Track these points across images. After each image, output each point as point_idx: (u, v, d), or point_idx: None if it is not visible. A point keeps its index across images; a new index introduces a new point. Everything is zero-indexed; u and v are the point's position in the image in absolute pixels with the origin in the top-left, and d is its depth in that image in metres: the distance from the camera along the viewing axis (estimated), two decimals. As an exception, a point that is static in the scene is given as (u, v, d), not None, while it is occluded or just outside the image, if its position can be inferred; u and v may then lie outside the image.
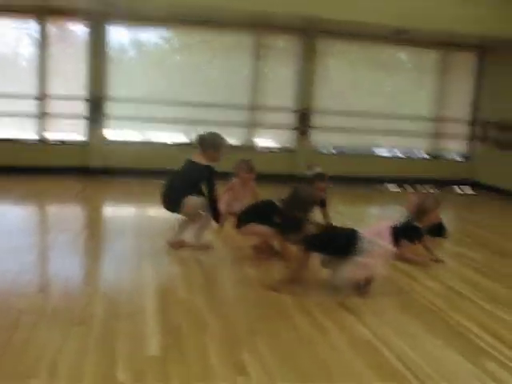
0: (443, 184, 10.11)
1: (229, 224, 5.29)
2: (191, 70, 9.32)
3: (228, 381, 2.82)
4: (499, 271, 5.14)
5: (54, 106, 8.77)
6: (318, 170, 5.74)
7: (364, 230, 4.21)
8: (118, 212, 6.72)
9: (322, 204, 5.71)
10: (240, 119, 9.52)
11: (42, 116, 8.77)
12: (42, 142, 8.83)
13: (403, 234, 4.60)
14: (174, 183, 5.13)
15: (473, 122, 10.51)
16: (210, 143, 5.15)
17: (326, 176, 5.71)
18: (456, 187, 10.13)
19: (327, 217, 5.69)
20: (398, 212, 6.85)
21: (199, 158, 5.11)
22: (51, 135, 8.89)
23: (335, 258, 4.14)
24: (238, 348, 3.21)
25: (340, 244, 4.11)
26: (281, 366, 3.02)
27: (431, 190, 9.53)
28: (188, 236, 5.18)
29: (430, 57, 10.34)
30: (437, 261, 5.19)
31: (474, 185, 10.25)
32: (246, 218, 4.90)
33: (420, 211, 5.05)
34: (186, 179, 5.08)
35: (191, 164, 5.14)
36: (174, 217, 5.18)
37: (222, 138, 5.27)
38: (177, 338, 3.29)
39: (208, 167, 5.06)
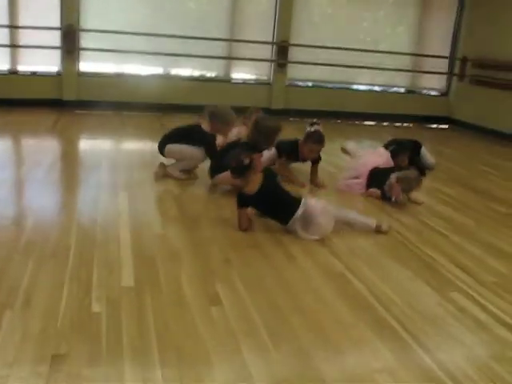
0: (420, 119, 10.14)
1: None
2: (169, 1, 9.08)
3: (202, 310, 2.88)
4: (471, 206, 5.23)
5: (26, 37, 8.51)
6: (317, 129, 5.51)
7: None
8: (92, 145, 6.64)
9: (314, 162, 5.58)
10: (217, 52, 9.35)
11: (14, 47, 8.52)
12: (14, 73, 8.61)
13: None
14: (173, 133, 5.40)
15: (451, 58, 10.44)
16: (220, 118, 5.36)
17: (322, 139, 5.53)
18: (432, 123, 10.17)
19: (315, 174, 5.59)
20: (372, 147, 6.92)
21: (206, 126, 5.30)
22: (23, 67, 8.67)
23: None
24: (211, 278, 3.26)
25: (277, 210, 4.09)
26: (253, 296, 3.08)
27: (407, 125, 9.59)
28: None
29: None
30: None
31: (450, 121, 10.29)
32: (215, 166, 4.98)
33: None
34: (186, 134, 5.28)
35: (197, 127, 5.32)
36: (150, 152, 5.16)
37: (233, 115, 5.48)
38: (150, 269, 3.32)
39: (212, 135, 5.27)
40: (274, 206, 4.09)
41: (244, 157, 3.95)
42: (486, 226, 4.71)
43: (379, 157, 5.69)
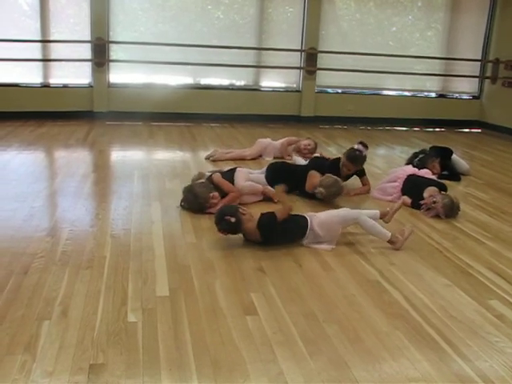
0: (451, 124, 10.03)
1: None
2: (196, 11, 9.14)
3: (237, 320, 2.87)
4: (506, 211, 5.14)
5: (57, 51, 8.65)
6: (359, 148, 5.45)
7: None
8: (124, 156, 6.70)
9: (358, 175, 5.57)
10: (246, 60, 9.37)
11: (46, 60, 8.66)
12: (46, 86, 8.75)
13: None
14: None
15: (483, 61, 10.30)
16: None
17: (359, 160, 5.44)
18: (464, 127, 10.05)
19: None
20: (405, 153, 6.88)
21: None
22: (55, 80, 8.80)
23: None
24: (245, 287, 3.26)
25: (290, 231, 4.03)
26: (288, 305, 3.06)
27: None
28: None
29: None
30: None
31: (483, 125, 10.16)
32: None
33: None
34: None
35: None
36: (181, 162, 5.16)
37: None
38: (185, 278, 3.34)
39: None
40: (283, 238, 4.01)
41: (228, 216, 3.84)
42: (522, 231, 4.64)
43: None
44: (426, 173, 5.56)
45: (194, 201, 4.54)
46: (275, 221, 3.89)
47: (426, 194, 4.95)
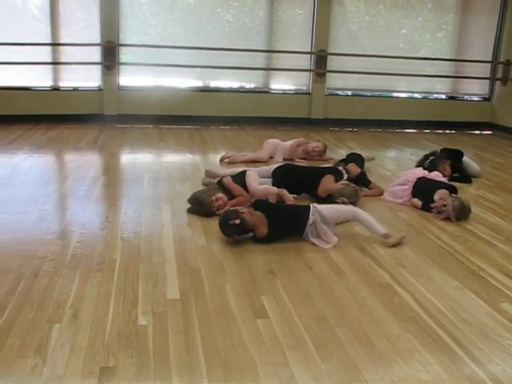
0: (462, 126, 9.98)
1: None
2: (205, 14, 9.16)
3: (248, 323, 2.87)
4: (517, 213, 5.12)
5: (67, 54, 8.69)
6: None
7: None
8: (134, 159, 6.72)
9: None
10: (256, 63, 9.38)
11: (56, 64, 8.70)
12: (56, 89, 8.78)
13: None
14: None
15: (494, 62, 10.25)
16: None
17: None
18: (475, 129, 10.00)
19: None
20: (415, 155, 6.86)
21: None
22: (65, 83, 8.84)
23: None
24: (255, 290, 3.26)
25: (290, 223, 4.13)
26: (299, 308, 3.06)
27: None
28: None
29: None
30: None
31: (494, 127, 10.10)
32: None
33: None
34: None
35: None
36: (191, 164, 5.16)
37: None
38: (195, 281, 3.34)
39: None
40: (287, 221, 4.11)
41: (232, 219, 3.92)
42: (534, 233, 4.61)
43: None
44: (436, 175, 5.53)
45: (201, 209, 4.55)
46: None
47: (436, 197, 4.92)
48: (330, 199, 4.83)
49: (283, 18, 9.39)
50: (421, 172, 5.52)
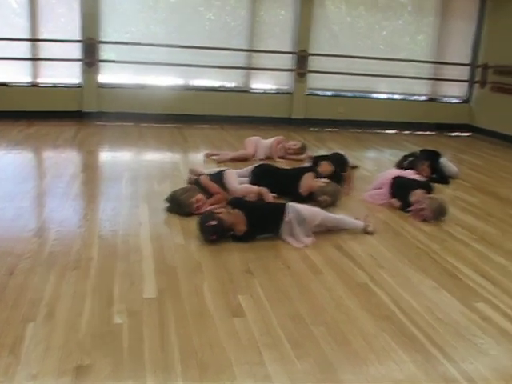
0: (441, 127, 10.07)
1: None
2: (187, 13, 9.13)
3: (224, 322, 2.87)
4: (494, 215, 5.16)
5: (47, 50, 8.61)
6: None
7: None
8: (113, 157, 6.67)
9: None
10: (237, 62, 9.37)
11: (35, 60, 8.61)
12: (36, 85, 8.70)
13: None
14: None
15: (472, 65, 10.35)
16: None
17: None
18: (454, 131, 10.09)
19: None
20: (394, 156, 6.91)
21: None
22: (45, 79, 8.75)
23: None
24: (232, 289, 3.26)
25: (267, 221, 4.16)
26: (276, 307, 3.06)
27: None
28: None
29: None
30: None
31: (472, 129, 10.20)
32: None
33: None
34: None
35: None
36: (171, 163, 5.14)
37: None
38: (172, 280, 3.33)
39: None
40: (264, 218, 4.14)
41: (209, 221, 3.95)
42: (509, 234, 4.65)
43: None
44: (410, 173, 5.57)
45: (179, 209, 4.54)
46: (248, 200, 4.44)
47: (413, 199, 4.94)
48: (311, 198, 4.85)
49: (265, 18, 9.39)
50: (395, 172, 5.55)
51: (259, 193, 4.80)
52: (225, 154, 6.55)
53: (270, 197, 4.75)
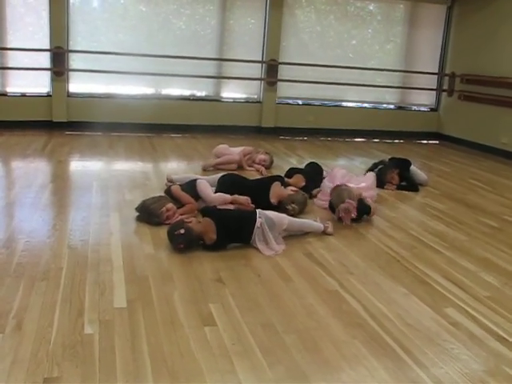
0: (410, 135, 10.19)
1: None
2: (156, 22, 9.11)
3: (195, 331, 2.85)
4: (463, 221, 5.23)
5: (15, 59, 8.52)
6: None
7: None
8: (83, 166, 6.62)
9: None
10: (207, 71, 9.37)
11: (3, 69, 8.52)
12: (3, 95, 8.59)
13: None
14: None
15: (440, 74, 10.50)
16: None
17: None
18: (422, 139, 10.22)
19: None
20: (364, 164, 6.97)
21: None
22: (13, 88, 8.66)
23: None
24: (203, 298, 3.25)
25: (239, 230, 4.16)
26: (247, 315, 3.06)
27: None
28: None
29: (399, 8, 10.27)
30: None
31: (440, 137, 10.35)
32: None
33: None
34: None
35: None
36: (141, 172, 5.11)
37: None
38: (143, 290, 3.31)
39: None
40: (236, 227, 4.13)
41: (177, 230, 3.95)
42: (478, 240, 4.72)
43: (366, 180, 5.71)
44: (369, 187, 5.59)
45: (149, 218, 4.52)
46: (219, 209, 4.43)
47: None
48: (279, 206, 4.86)
49: (235, 27, 9.42)
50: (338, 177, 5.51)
51: (235, 201, 4.80)
52: (210, 162, 6.56)
53: (248, 203, 4.75)
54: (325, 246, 4.29)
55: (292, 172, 5.90)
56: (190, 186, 4.97)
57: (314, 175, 5.91)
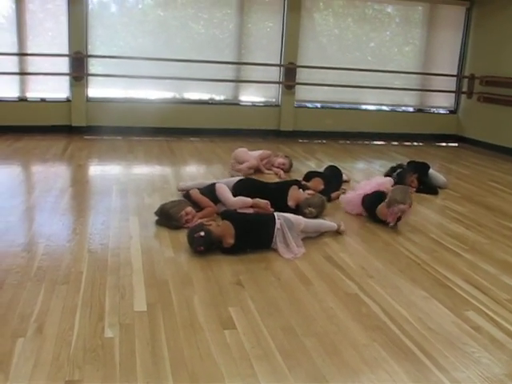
0: (429, 138, 10.13)
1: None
2: (175, 26, 9.15)
3: (215, 334, 2.86)
4: (483, 224, 5.18)
5: (35, 64, 8.61)
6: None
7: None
8: (102, 170, 6.66)
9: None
10: (226, 75, 9.39)
11: (23, 74, 8.61)
12: (24, 100, 8.69)
13: None
14: None
15: (459, 76, 10.43)
16: None
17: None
18: (442, 141, 10.15)
19: None
20: (383, 167, 6.93)
21: None
22: (33, 94, 8.75)
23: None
24: (223, 302, 3.25)
25: (259, 234, 4.17)
26: (267, 319, 3.05)
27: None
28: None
29: (418, 10, 10.22)
30: None
31: (460, 139, 10.27)
32: None
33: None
34: None
35: None
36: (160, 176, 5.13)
37: None
38: (163, 293, 3.31)
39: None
40: (256, 231, 4.15)
41: (197, 232, 3.96)
42: (498, 243, 4.67)
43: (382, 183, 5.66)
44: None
45: (169, 222, 4.53)
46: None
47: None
48: (298, 210, 4.85)
49: (253, 31, 9.44)
50: (374, 184, 5.46)
51: (256, 204, 4.80)
52: (238, 168, 6.56)
53: (267, 207, 4.76)
54: (344, 249, 4.28)
55: (311, 175, 5.89)
56: (209, 190, 4.98)
57: (332, 178, 5.90)
